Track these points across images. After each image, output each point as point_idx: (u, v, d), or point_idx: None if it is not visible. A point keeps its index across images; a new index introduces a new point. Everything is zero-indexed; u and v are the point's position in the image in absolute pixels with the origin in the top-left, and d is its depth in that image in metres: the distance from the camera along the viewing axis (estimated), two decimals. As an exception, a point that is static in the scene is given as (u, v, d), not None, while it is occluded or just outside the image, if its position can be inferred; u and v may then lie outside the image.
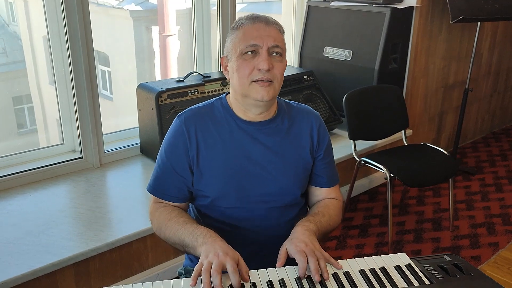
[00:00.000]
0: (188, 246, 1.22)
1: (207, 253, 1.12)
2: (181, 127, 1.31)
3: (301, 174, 1.38)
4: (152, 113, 2.48)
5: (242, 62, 1.24)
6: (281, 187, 1.34)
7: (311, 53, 3.35)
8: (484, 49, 3.84)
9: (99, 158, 2.54)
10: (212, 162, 1.31)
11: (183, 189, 1.34)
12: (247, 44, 1.24)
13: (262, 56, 1.23)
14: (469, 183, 3.35)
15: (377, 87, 2.89)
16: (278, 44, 1.25)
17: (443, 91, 3.63)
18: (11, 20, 3.71)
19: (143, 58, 4.57)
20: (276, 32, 1.26)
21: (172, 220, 1.28)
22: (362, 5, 3.04)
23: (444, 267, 1.17)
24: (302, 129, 1.38)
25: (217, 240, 1.17)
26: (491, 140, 4.21)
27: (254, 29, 1.25)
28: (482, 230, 2.76)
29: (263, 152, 1.32)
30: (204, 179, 1.31)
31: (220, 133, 1.32)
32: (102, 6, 4.44)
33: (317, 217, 1.32)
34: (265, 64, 1.22)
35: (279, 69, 1.26)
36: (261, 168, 1.32)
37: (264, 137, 1.33)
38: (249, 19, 1.27)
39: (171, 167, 1.32)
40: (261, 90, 1.24)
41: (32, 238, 1.91)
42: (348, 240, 2.65)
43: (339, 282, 1.12)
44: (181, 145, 1.31)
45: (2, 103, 3.53)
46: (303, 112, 1.41)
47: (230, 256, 1.10)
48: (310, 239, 1.20)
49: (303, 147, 1.37)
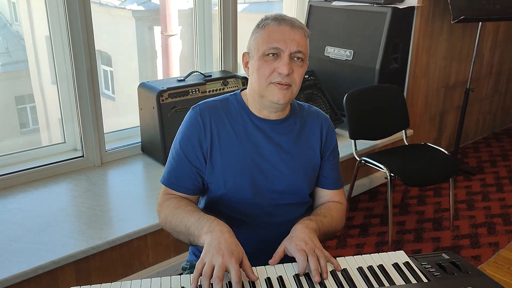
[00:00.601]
0: (193, 234, 1.18)
1: (209, 248, 1.08)
2: (196, 118, 1.31)
3: (310, 173, 1.39)
4: (153, 112, 2.49)
5: (263, 63, 1.25)
6: (290, 186, 1.35)
7: (312, 52, 3.28)
8: (485, 49, 3.84)
9: (100, 156, 2.55)
10: (225, 156, 1.31)
11: (198, 180, 1.33)
12: (270, 46, 1.23)
13: (284, 60, 1.23)
14: (470, 183, 3.35)
15: (378, 87, 2.89)
16: (301, 49, 1.25)
17: (444, 91, 3.63)
18: (14, 19, 3.72)
19: (145, 58, 4.58)
20: (300, 37, 1.26)
21: (180, 209, 1.27)
22: (363, 5, 3.05)
23: (442, 265, 1.18)
24: (313, 130, 1.40)
25: (224, 232, 1.12)
26: (492, 141, 4.21)
27: (279, 32, 1.24)
28: (482, 230, 2.76)
29: (275, 150, 1.33)
30: (215, 172, 1.32)
31: (234, 127, 1.32)
32: (105, 6, 4.45)
33: (319, 217, 1.32)
34: (285, 69, 1.22)
35: (298, 74, 1.26)
36: (272, 166, 1.33)
37: (277, 135, 1.34)
38: (275, 19, 1.26)
39: (186, 158, 1.32)
40: (278, 93, 1.25)
41: (33, 236, 1.92)
42: (348, 239, 2.65)
43: (337, 279, 1.12)
44: (195, 135, 1.31)
45: (5, 103, 3.54)
46: (314, 114, 1.43)
47: (235, 257, 1.06)
48: (310, 237, 1.20)
49: (312, 148, 1.39)
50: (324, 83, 3.15)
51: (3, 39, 3.72)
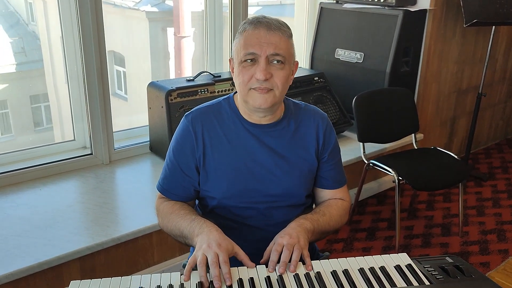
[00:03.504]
0: (186, 237, 1.24)
1: (200, 244, 1.14)
2: (188, 127, 1.32)
3: (306, 176, 1.37)
4: (162, 111, 2.50)
5: (242, 69, 1.23)
6: (286, 189, 1.34)
7: (322, 55, 3.34)
8: (499, 54, 3.79)
9: (109, 155, 2.57)
10: (218, 163, 1.31)
11: (189, 188, 1.36)
12: (246, 51, 1.21)
13: (260, 65, 1.20)
14: (481, 189, 3.31)
15: (387, 90, 2.88)
16: (279, 52, 1.20)
17: (456, 96, 3.59)
18: (30, 20, 3.77)
19: (158, 59, 4.61)
20: (278, 39, 1.21)
21: (174, 213, 1.31)
22: (374, 7, 3.03)
23: (445, 268, 1.16)
24: (308, 130, 1.37)
25: (212, 230, 1.18)
26: (505, 147, 4.15)
27: (254, 36, 1.21)
28: (492, 236, 2.71)
29: (268, 154, 1.32)
30: (210, 180, 1.33)
31: (226, 134, 1.32)
32: (119, 7, 4.49)
33: (316, 216, 1.32)
34: (261, 74, 1.20)
35: (279, 77, 1.22)
36: (266, 170, 1.32)
37: (270, 139, 1.33)
38: (251, 23, 1.23)
39: (179, 166, 1.34)
40: (259, 98, 1.23)
41: (40, 231, 1.93)
42: (355, 243, 2.63)
43: (337, 280, 1.12)
44: (188, 145, 1.32)
45: (20, 102, 3.59)
46: (310, 113, 1.40)
47: (223, 247, 1.12)
48: (297, 234, 1.20)
49: (308, 149, 1.37)
50: (334, 85, 3.14)
51: (19, 38, 3.78)
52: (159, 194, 1.40)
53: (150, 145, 2.73)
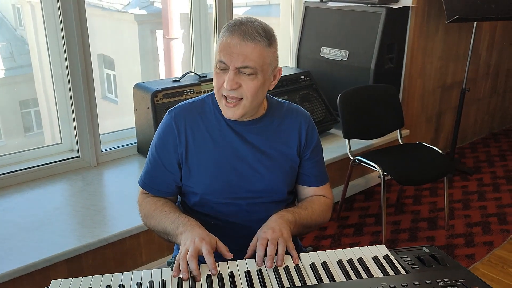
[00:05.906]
0: (170, 234, 1.26)
1: (185, 242, 1.17)
2: (171, 123, 1.34)
3: (288, 172, 1.39)
4: (148, 112, 2.51)
5: (216, 74, 1.25)
6: (268, 185, 1.36)
7: (308, 53, 3.37)
8: (482, 50, 3.84)
9: (96, 157, 2.58)
10: (201, 159, 1.33)
11: (172, 184, 1.37)
12: (218, 59, 1.21)
13: (229, 75, 1.20)
14: (467, 183, 3.35)
15: (372, 86, 2.91)
16: (248, 64, 1.18)
17: (441, 91, 3.64)
18: (18, 24, 3.76)
19: (147, 61, 4.62)
20: (250, 50, 1.18)
21: (157, 210, 1.32)
22: (357, 5, 3.06)
23: (421, 258, 1.19)
24: (290, 128, 1.39)
25: (195, 227, 1.21)
26: (490, 141, 4.20)
27: (227, 45, 1.19)
28: (477, 229, 2.75)
29: (250, 150, 1.34)
30: (192, 175, 1.34)
31: (209, 130, 1.34)
32: (107, 10, 4.50)
33: (298, 209, 1.34)
34: (228, 84, 1.20)
35: (249, 87, 1.21)
36: (249, 166, 1.34)
37: (252, 136, 1.35)
38: (229, 29, 1.21)
39: (161, 162, 1.35)
40: (227, 111, 1.26)
41: (27, 234, 1.94)
42: (343, 238, 2.66)
43: (316, 272, 1.14)
44: (170, 141, 1.33)
45: (9, 107, 3.58)
46: (293, 111, 1.41)
47: (206, 241, 1.15)
48: (280, 227, 1.22)
49: (290, 146, 1.38)
50: (319, 83, 3.17)
51: (7, 43, 3.77)
52: (141, 190, 1.41)
53: (137, 147, 2.75)
